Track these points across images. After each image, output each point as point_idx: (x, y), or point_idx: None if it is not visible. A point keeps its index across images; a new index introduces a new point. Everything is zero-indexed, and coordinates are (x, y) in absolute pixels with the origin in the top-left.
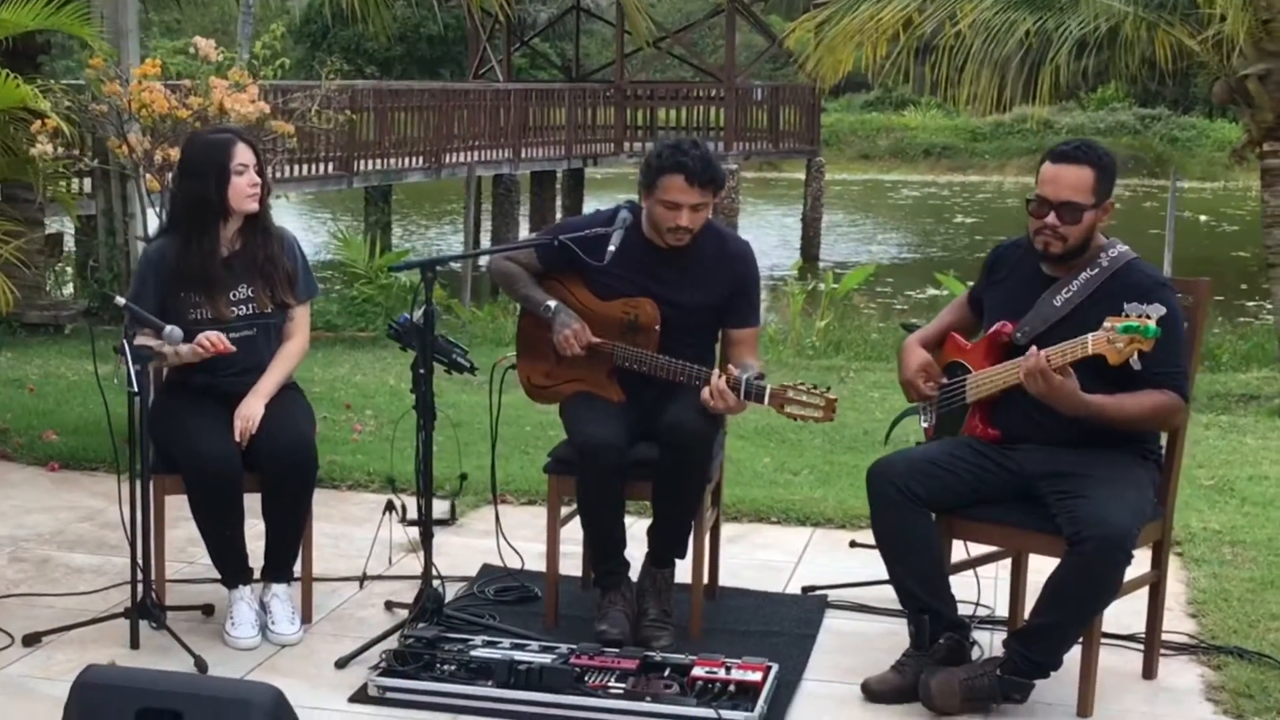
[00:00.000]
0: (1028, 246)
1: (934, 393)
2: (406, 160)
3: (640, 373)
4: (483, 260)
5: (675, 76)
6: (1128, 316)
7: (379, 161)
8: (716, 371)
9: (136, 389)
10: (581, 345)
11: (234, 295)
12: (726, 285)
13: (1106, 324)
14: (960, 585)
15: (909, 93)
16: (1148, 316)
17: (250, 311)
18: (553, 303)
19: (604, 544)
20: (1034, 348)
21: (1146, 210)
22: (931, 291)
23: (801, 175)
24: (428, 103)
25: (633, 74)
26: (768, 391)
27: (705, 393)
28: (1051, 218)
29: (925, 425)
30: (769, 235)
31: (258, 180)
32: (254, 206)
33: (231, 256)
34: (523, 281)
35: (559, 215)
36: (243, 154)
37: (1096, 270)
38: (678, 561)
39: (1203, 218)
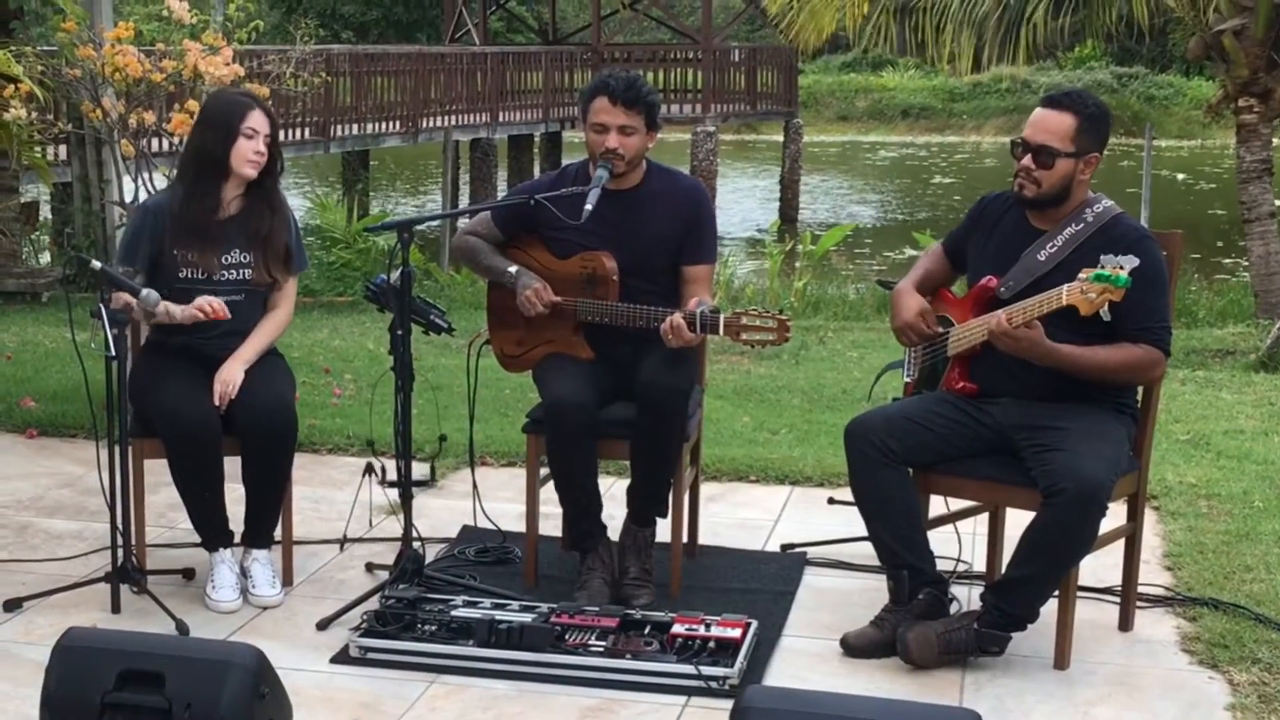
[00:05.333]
0: (1014, 198)
1: (933, 335)
2: (383, 125)
3: (607, 325)
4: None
5: (652, 39)
6: (1102, 267)
7: (355, 127)
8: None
9: (114, 353)
10: (544, 303)
11: (226, 259)
12: (681, 220)
13: (1081, 275)
14: (941, 541)
15: (887, 53)
16: (1120, 267)
17: (241, 277)
18: (513, 268)
19: (578, 505)
20: (998, 311)
21: (1124, 169)
22: (910, 252)
23: (779, 137)
24: (404, 67)
25: (609, 37)
26: (722, 321)
27: (664, 327)
28: (1027, 160)
29: (908, 379)
30: (747, 197)
31: (264, 150)
32: (251, 173)
33: (229, 219)
34: (484, 253)
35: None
36: (257, 119)
37: (1081, 225)
38: (658, 520)
39: (1180, 176)
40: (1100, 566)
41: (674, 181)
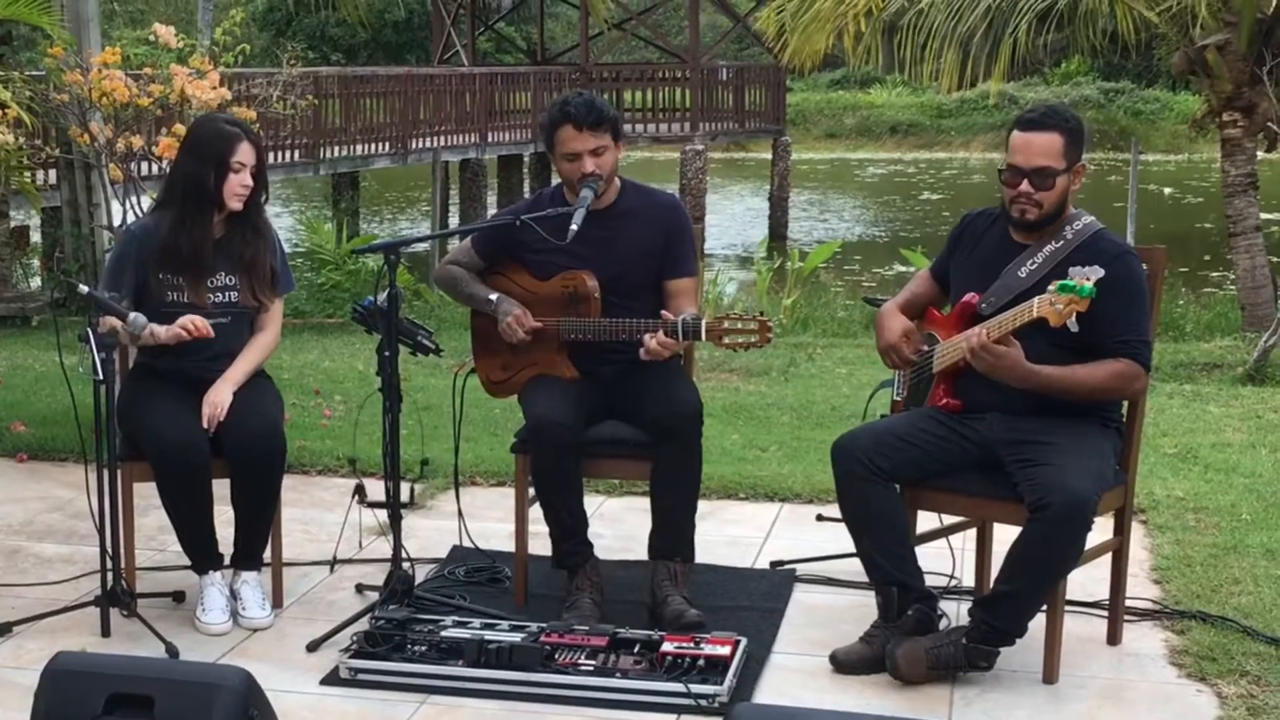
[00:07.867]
0: (997, 216)
1: (917, 357)
2: (373, 146)
3: (591, 345)
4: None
5: (640, 58)
6: (1069, 278)
7: (345, 148)
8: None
9: (102, 377)
10: (525, 330)
11: (213, 282)
12: (661, 235)
13: (1050, 286)
14: (934, 556)
15: (874, 71)
16: (1087, 278)
17: (228, 300)
18: (494, 296)
19: (563, 524)
20: (975, 327)
21: (1111, 184)
22: (899, 268)
23: (768, 155)
24: (393, 88)
25: (597, 56)
26: (704, 327)
27: (650, 343)
28: (1025, 185)
29: (897, 397)
30: (737, 215)
31: (250, 184)
32: (238, 206)
33: (214, 243)
34: (465, 281)
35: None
36: (244, 153)
37: (1061, 242)
38: (648, 542)
39: (1167, 190)
40: (1088, 580)
41: (649, 197)
